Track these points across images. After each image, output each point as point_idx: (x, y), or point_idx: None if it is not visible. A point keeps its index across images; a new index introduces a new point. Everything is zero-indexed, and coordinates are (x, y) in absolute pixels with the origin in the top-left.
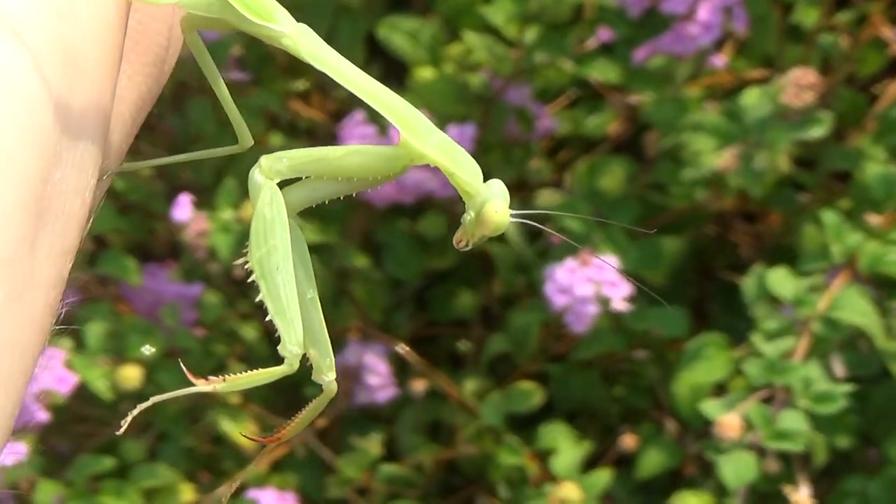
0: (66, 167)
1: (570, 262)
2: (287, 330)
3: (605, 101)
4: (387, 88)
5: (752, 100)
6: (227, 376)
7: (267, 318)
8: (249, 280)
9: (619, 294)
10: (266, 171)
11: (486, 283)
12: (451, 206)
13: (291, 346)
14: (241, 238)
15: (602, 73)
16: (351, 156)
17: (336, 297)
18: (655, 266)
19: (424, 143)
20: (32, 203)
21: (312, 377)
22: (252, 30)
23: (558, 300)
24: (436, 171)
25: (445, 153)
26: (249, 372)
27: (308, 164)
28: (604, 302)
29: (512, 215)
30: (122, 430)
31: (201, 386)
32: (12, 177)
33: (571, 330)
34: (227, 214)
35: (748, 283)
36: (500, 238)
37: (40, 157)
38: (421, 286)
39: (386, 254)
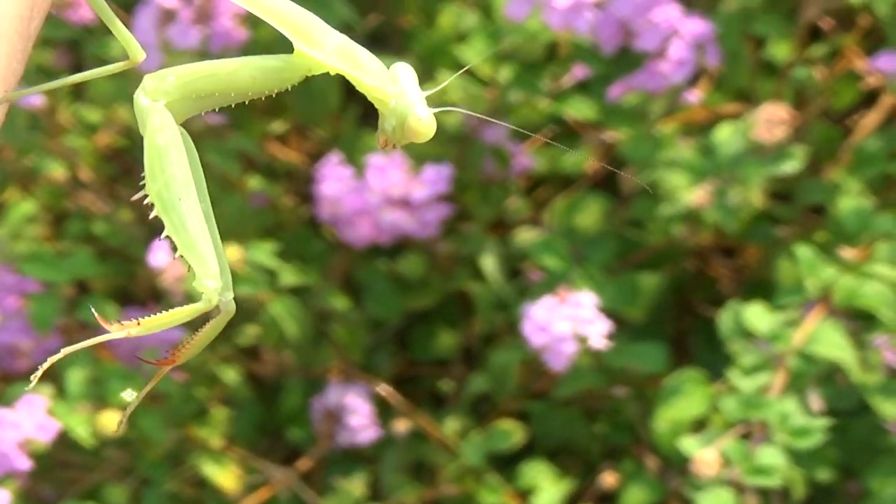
0: None
1: (547, 301)
2: (200, 265)
3: (581, 139)
4: None
5: (725, 136)
6: (140, 319)
7: (177, 255)
8: (151, 216)
9: (597, 331)
10: (152, 93)
11: (467, 322)
12: (430, 245)
13: (207, 280)
14: None
15: (578, 110)
16: (243, 70)
17: (317, 338)
18: (633, 302)
19: (320, 50)
20: None
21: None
22: None
23: (536, 339)
24: (413, 211)
25: (346, 59)
26: (167, 312)
27: (197, 80)
28: (582, 339)
29: (434, 113)
30: None
31: (115, 332)
32: None
33: (551, 368)
34: None
35: (724, 319)
36: (480, 276)
37: None
38: (401, 326)
39: (366, 294)
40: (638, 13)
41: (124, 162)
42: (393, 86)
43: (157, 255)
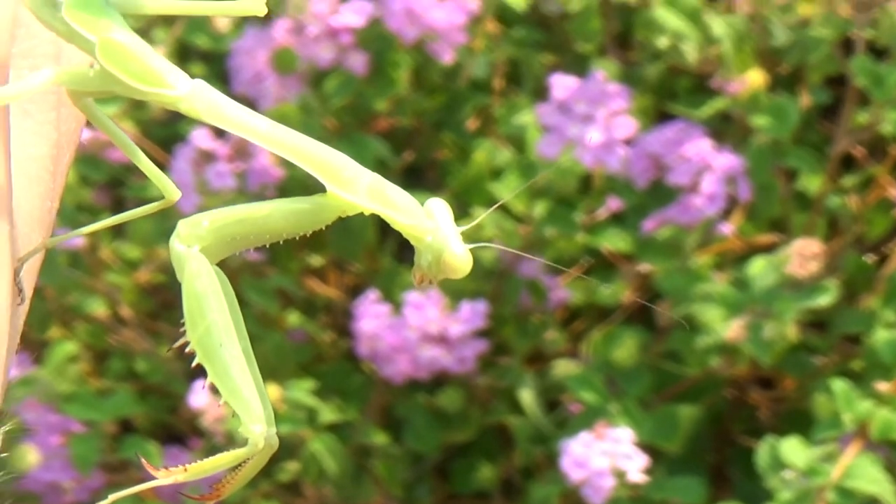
0: None
1: (584, 436)
2: (245, 410)
3: (617, 270)
4: (303, 135)
5: (758, 270)
6: (187, 466)
7: (222, 402)
8: (194, 364)
9: (635, 466)
10: (186, 239)
11: (506, 455)
12: (468, 379)
13: (253, 425)
14: None
15: (612, 242)
16: (276, 213)
17: (357, 473)
18: (671, 435)
19: (352, 191)
20: None
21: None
22: (144, 98)
23: (574, 475)
24: (451, 347)
25: (378, 199)
26: (213, 457)
27: (231, 224)
28: (620, 474)
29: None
30: None
31: (163, 479)
32: None
33: (590, 502)
34: None
35: (761, 454)
36: (518, 409)
37: None
38: (441, 460)
39: (405, 428)
40: (669, 148)
41: (164, 298)
42: (428, 222)
43: (197, 396)
